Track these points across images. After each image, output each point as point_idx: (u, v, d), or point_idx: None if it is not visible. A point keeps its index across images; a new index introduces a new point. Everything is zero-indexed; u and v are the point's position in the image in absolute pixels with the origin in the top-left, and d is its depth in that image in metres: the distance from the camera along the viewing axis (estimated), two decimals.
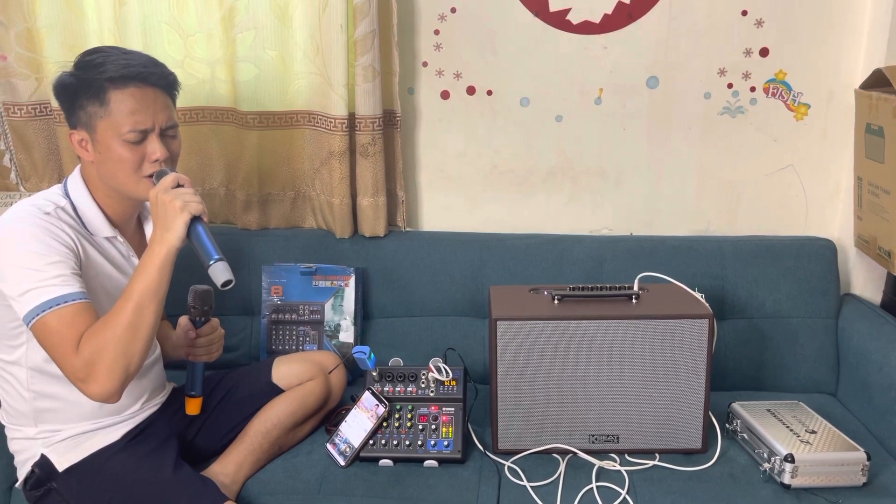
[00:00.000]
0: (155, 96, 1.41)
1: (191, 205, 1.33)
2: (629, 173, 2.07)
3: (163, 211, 1.33)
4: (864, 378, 1.79)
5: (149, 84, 1.40)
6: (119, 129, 1.38)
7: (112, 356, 1.28)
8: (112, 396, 1.30)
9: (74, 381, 1.30)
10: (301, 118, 2.00)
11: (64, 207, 1.41)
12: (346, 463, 1.60)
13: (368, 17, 1.84)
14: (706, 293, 1.70)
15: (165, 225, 1.32)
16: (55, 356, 1.31)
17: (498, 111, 2.04)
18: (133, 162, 1.40)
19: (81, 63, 1.41)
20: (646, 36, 1.96)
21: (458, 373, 1.71)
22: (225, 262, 1.33)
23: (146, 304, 1.30)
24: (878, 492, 1.51)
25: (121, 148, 1.39)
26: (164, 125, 1.42)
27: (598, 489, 1.52)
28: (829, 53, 1.95)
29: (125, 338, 1.28)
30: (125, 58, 1.40)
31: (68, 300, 1.30)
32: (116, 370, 1.28)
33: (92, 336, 1.28)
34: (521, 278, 1.95)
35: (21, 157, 2.05)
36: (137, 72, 1.39)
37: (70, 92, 1.40)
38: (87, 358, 1.27)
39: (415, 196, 2.13)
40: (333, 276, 1.98)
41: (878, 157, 1.79)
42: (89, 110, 1.38)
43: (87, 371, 1.28)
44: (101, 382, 1.28)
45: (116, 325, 1.28)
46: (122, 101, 1.37)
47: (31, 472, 1.45)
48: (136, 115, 1.38)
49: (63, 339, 1.28)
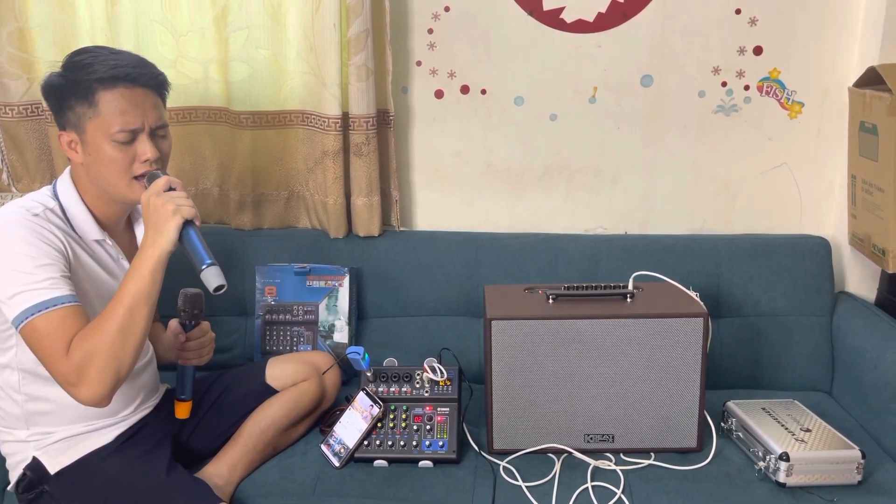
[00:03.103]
0: (144, 96, 1.40)
1: (183, 208, 1.32)
2: (624, 172, 2.07)
3: (154, 214, 1.32)
4: (859, 376, 1.80)
5: (138, 84, 1.39)
6: (108, 130, 1.37)
7: (103, 360, 1.27)
8: (102, 400, 1.29)
9: (64, 385, 1.29)
10: (294, 118, 1.99)
11: (52, 209, 1.40)
12: (340, 464, 1.60)
13: (362, 17, 1.84)
14: (701, 292, 1.70)
15: (157, 228, 1.32)
16: (45, 360, 1.30)
17: (492, 110, 2.04)
18: (123, 162, 1.39)
19: (69, 64, 1.39)
20: (640, 34, 1.96)
21: (453, 373, 1.70)
22: (217, 267, 1.32)
23: (138, 307, 1.30)
24: (873, 490, 1.51)
25: (110, 148, 1.38)
26: (153, 125, 1.41)
27: (594, 489, 1.52)
28: (823, 51, 1.95)
29: (116, 342, 1.28)
30: (114, 58, 1.39)
31: (57, 304, 1.29)
32: (107, 374, 1.28)
33: (83, 340, 1.28)
34: (515, 277, 1.95)
35: (12, 158, 2.03)
36: (126, 72, 1.38)
37: (58, 93, 1.39)
38: (78, 362, 1.27)
39: (409, 195, 2.13)
40: (327, 276, 1.97)
41: (871, 155, 1.79)
42: (78, 111, 1.37)
43: (77, 375, 1.27)
44: (92, 387, 1.27)
45: (108, 328, 1.28)
46: (111, 101, 1.36)
47: (22, 475, 1.44)
48: (126, 116, 1.37)
49: (53, 342, 1.27)
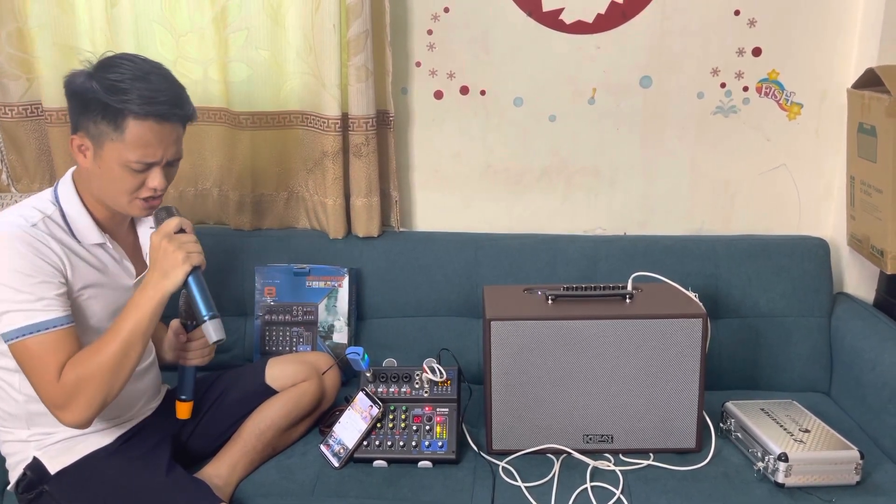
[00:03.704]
0: (171, 131, 1.39)
1: (193, 256, 1.34)
2: (623, 173, 2.07)
3: (163, 257, 1.33)
4: (858, 377, 1.80)
5: (168, 121, 1.37)
6: (126, 157, 1.35)
7: (94, 389, 1.30)
8: (85, 425, 1.33)
9: (50, 406, 1.32)
10: (294, 118, 1.99)
11: (52, 216, 1.39)
12: (340, 464, 1.60)
13: (361, 17, 1.84)
14: (700, 293, 1.70)
15: (164, 272, 1.33)
16: (34, 380, 1.32)
17: (491, 111, 2.04)
18: (130, 185, 1.39)
19: (105, 81, 1.34)
20: (639, 35, 1.96)
21: (453, 373, 1.70)
22: (218, 320, 1.35)
23: (134, 343, 1.32)
24: (872, 490, 1.51)
25: (122, 171, 1.37)
26: (171, 158, 1.41)
27: (593, 489, 1.52)
28: (822, 53, 1.95)
29: (109, 373, 1.30)
30: (150, 89, 1.34)
31: (49, 327, 1.30)
32: (96, 402, 1.31)
33: (75, 367, 1.30)
34: (515, 278, 1.95)
35: (12, 158, 2.04)
36: (160, 110, 1.35)
37: (85, 102, 1.35)
38: (69, 389, 1.29)
39: (408, 196, 2.13)
40: (327, 277, 1.97)
41: (870, 157, 1.79)
42: (101, 128, 1.35)
43: (66, 400, 1.30)
44: (79, 413, 1.31)
45: (101, 360, 1.30)
46: (138, 132, 1.34)
47: (23, 475, 1.44)
48: (148, 148, 1.36)
49: (44, 365, 1.29)
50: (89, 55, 1.42)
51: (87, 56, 1.42)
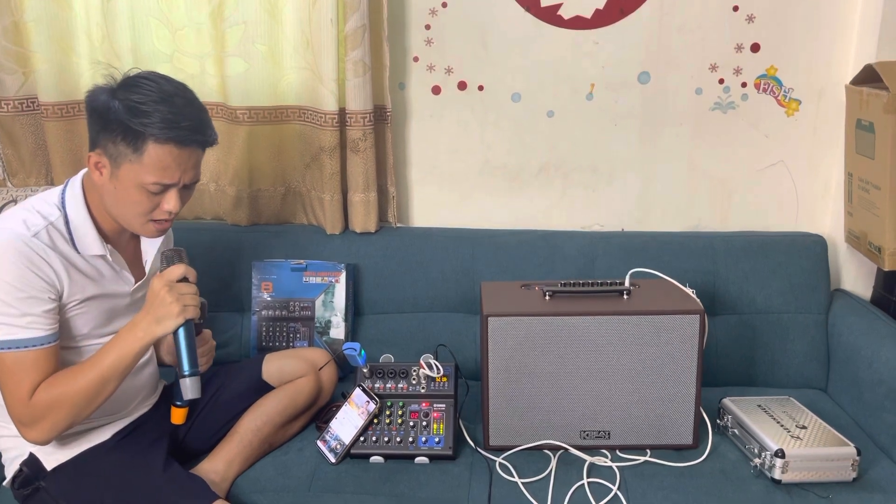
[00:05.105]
0: (190, 155, 1.37)
1: (188, 309, 1.34)
2: (621, 169, 2.07)
3: (160, 305, 1.32)
4: (855, 373, 1.80)
5: (187, 146, 1.36)
6: (144, 179, 1.34)
7: (62, 416, 1.32)
8: (45, 444, 1.37)
9: (16, 421, 1.34)
10: (291, 113, 1.99)
11: (55, 223, 1.38)
12: (336, 460, 1.60)
13: (359, 12, 1.83)
14: (697, 289, 1.71)
15: (158, 318, 1.33)
16: (4, 392, 1.33)
17: (489, 106, 2.04)
18: (146, 207, 1.38)
19: (128, 102, 1.32)
20: (637, 31, 1.96)
21: (450, 369, 1.70)
22: (198, 378, 1.36)
23: (112, 378, 1.33)
24: (868, 487, 1.51)
25: (138, 193, 1.36)
26: (188, 181, 1.40)
27: (590, 485, 1.52)
28: (820, 49, 1.95)
29: (81, 403, 1.33)
30: (172, 113, 1.33)
31: (28, 345, 1.31)
32: (60, 427, 1.34)
33: (49, 389, 1.31)
34: (512, 274, 1.95)
35: (8, 153, 2.03)
36: (181, 136, 1.34)
37: (106, 121, 1.33)
38: (39, 410, 1.31)
39: (406, 192, 2.12)
40: (324, 273, 1.97)
41: (868, 153, 1.79)
42: (121, 149, 1.33)
43: (32, 420, 1.32)
44: (42, 433, 1.33)
45: (76, 389, 1.31)
46: (158, 156, 1.33)
47: (19, 471, 1.43)
48: (166, 172, 1.35)
49: (18, 382, 1.31)
50: (113, 70, 1.40)
51: (111, 71, 1.39)
